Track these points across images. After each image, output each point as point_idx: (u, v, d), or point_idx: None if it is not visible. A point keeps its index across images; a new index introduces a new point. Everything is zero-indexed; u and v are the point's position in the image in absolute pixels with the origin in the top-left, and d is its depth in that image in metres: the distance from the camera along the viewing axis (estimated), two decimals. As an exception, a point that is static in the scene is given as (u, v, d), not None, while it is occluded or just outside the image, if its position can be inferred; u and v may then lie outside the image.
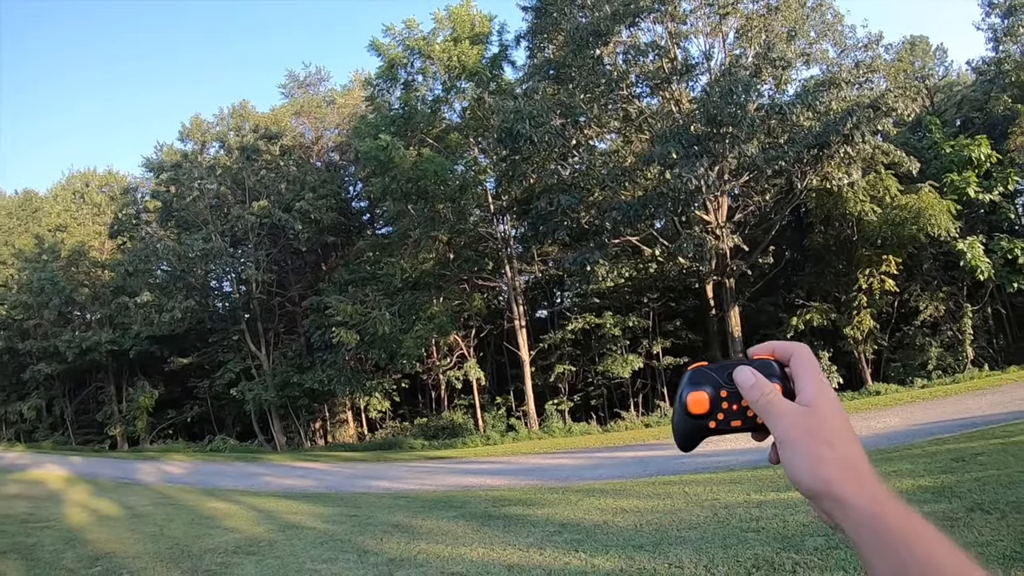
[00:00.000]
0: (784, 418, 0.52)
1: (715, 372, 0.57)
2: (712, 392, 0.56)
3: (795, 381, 0.54)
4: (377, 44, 17.83)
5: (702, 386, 0.56)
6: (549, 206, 15.95)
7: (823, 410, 0.52)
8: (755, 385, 0.54)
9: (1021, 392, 13.11)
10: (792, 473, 0.52)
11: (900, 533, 0.47)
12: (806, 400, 0.53)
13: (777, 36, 17.74)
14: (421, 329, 17.08)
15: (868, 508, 0.48)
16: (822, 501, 0.51)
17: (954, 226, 16.39)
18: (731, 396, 0.56)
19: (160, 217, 22.96)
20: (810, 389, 0.53)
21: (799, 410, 0.52)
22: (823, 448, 0.51)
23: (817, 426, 0.52)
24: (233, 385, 21.18)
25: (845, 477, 0.50)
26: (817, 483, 0.50)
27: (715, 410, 0.56)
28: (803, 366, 0.55)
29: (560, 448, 15.52)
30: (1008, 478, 5.37)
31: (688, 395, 0.56)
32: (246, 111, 22.20)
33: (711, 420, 0.56)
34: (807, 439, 0.51)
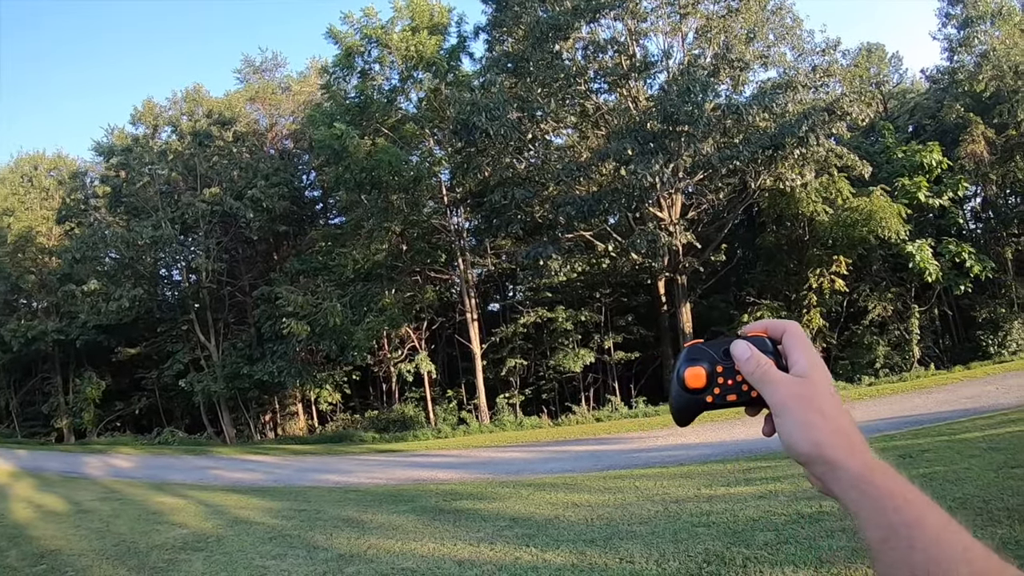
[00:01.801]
0: (780, 387, 0.54)
1: (711, 348, 0.58)
2: (708, 367, 0.57)
3: (788, 356, 0.56)
4: (334, 32, 17.48)
5: (699, 362, 0.57)
6: (503, 199, 15.85)
7: (816, 381, 0.54)
8: (751, 358, 0.56)
9: (966, 391, 13.46)
10: (787, 439, 0.53)
11: (889, 496, 0.49)
12: (800, 372, 0.54)
13: (736, 37, 17.91)
14: (372, 321, 16.82)
15: (858, 471, 0.50)
16: (815, 465, 0.52)
17: (904, 229, 16.80)
18: (726, 371, 0.57)
19: (109, 203, 22.17)
20: (803, 361, 0.55)
21: (794, 380, 0.54)
22: (816, 416, 0.52)
23: (811, 394, 0.53)
24: (182, 376, 20.60)
25: (837, 442, 0.51)
26: (810, 447, 0.52)
27: (711, 384, 0.57)
28: (795, 341, 0.57)
29: (511, 442, 15.47)
30: (954, 475, 5.46)
31: (686, 370, 0.57)
32: (200, 95, 21.55)
33: (708, 395, 0.57)
34: (801, 406, 0.53)
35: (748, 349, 0.56)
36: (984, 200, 21.70)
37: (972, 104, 19.82)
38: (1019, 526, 3.88)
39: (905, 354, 18.59)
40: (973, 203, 22.05)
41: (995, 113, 18.96)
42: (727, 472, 7.51)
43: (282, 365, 18.46)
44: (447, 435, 16.93)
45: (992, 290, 19.09)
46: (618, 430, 15.31)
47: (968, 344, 19.49)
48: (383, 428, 17.98)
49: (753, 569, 3.79)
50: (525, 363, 18.39)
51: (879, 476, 0.50)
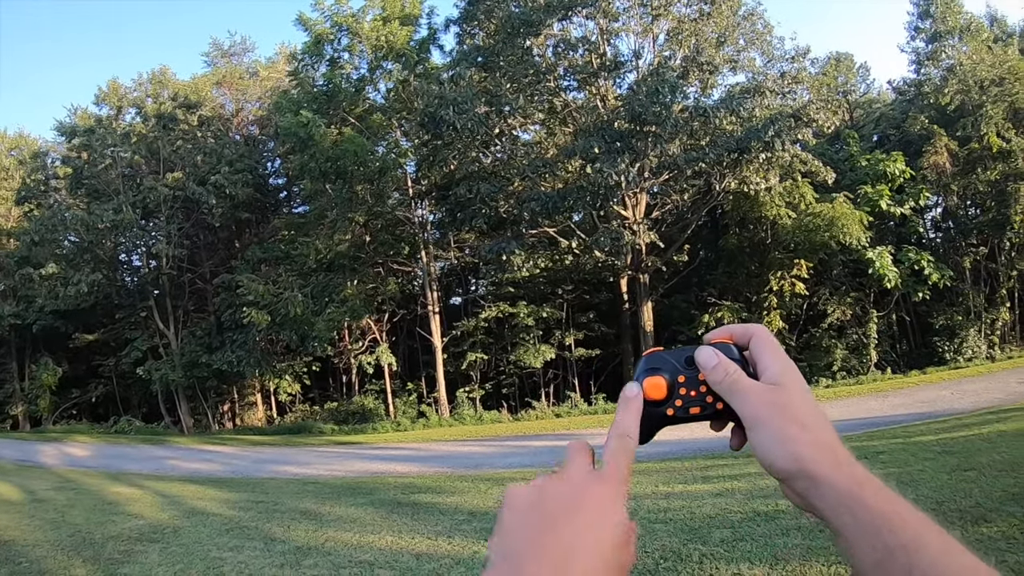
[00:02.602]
0: (751, 396, 0.48)
1: (672, 357, 0.53)
2: (669, 378, 0.52)
3: (757, 362, 0.51)
4: (304, 19, 17.24)
5: (659, 371, 0.52)
6: (468, 193, 15.80)
7: (791, 388, 0.49)
8: (718, 365, 0.50)
9: (922, 395, 13.79)
10: (763, 454, 0.48)
11: (882, 515, 0.43)
12: (772, 378, 0.49)
13: (707, 41, 18.07)
14: (334, 312, 16.66)
15: (846, 487, 0.45)
16: (796, 481, 0.47)
17: (865, 236, 17.14)
18: (689, 381, 0.52)
19: (70, 185, 21.59)
20: (775, 367, 0.49)
21: (766, 388, 0.49)
22: (794, 427, 0.47)
23: (787, 403, 0.48)
24: (140, 364, 20.19)
25: (820, 456, 0.46)
26: (790, 462, 0.46)
27: (672, 396, 0.52)
28: (764, 345, 0.51)
29: (471, 436, 15.48)
30: (908, 476, 5.55)
31: (644, 380, 0.52)
32: (166, 77, 21.09)
33: (668, 407, 0.52)
34: (777, 417, 0.47)
35: (714, 356, 0.51)
36: (945, 210, 22.22)
37: (937, 116, 20.25)
38: (971, 527, 3.97)
39: (863, 358, 18.97)
40: (934, 213, 22.59)
41: (959, 126, 19.41)
42: (685, 470, 7.58)
43: (241, 354, 18.19)
44: (407, 428, 16.87)
45: (950, 298, 19.56)
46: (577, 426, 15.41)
47: (925, 350, 19.97)
48: (342, 420, 17.83)
49: (709, 566, 3.83)
50: (486, 357, 18.38)
51: (870, 493, 0.44)
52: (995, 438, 6.86)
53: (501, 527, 0.44)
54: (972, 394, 12.64)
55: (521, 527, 0.43)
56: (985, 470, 5.35)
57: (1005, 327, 19.81)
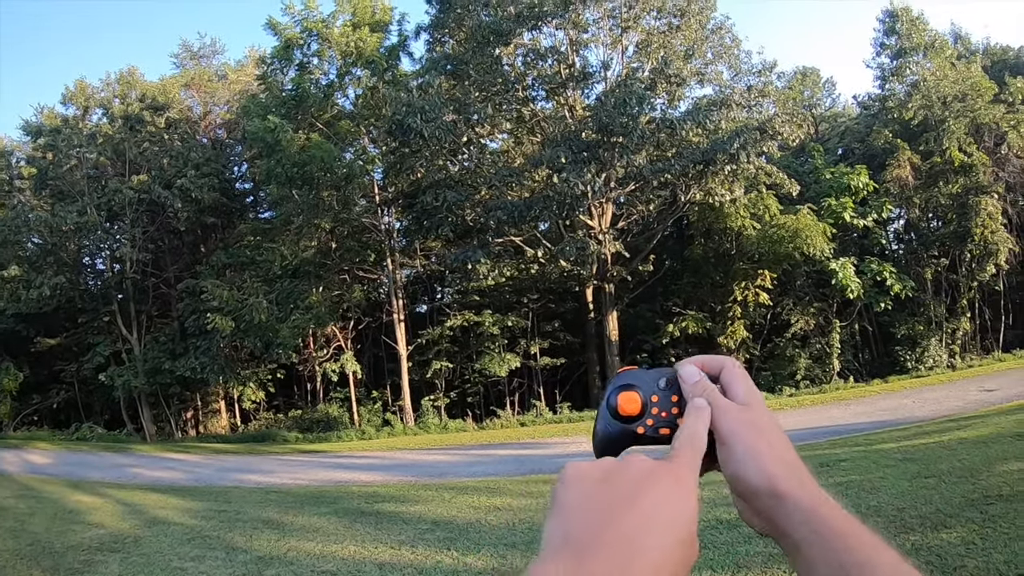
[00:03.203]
0: (728, 414, 0.50)
1: (646, 376, 0.54)
2: (643, 395, 0.52)
3: (727, 389, 0.53)
4: (274, 23, 17.18)
5: (633, 387, 0.53)
6: (435, 201, 15.83)
7: (760, 410, 0.51)
8: (700, 381, 0.52)
9: (884, 404, 14.07)
10: (735, 469, 0.49)
11: (840, 534, 0.45)
12: (741, 401, 0.52)
13: (675, 53, 18.35)
14: (299, 319, 16.54)
15: (810, 506, 0.46)
16: (761, 498, 0.48)
17: (828, 247, 17.47)
18: (661, 401, 0.53)
19: (34, 185, 21.17)
20: (743, 391, 0.52)
21: (740, 407, 0.51)
22: (764, 445, 0.49)
23: (756, 422, 0.50)
24: (102, 370, 19.79)
25: (788, 474, 0.48)
26: (760, 478, 0.48)
27: (645, 414, 0.52)
28: (733, 375, 0.54)
29: (436, 444, 15.43)
30: (870, 483, 5.63)
31: (619, 395, 0.52)
32: (134, 78, 20.80)
33: (640, 425, 0.52)
34: (750, 435, 0.49)
35: (697, 372, 0.53)
36: (907, 223, 22.76)
37: (900, 131, 20.75)
38: (931, 533, 4.04)
39: (826, 367, 19.31)
40: (896, 225, 23.12)
41: (922, 140, 19.92)
42: None
43: (205, 361, 17.95)
44: (371, 436, 16.77)
45: (911, 308, 20.00)
46: (542, 435, 15.45)
47: (887, 359, 20.39)
48: (307, 428, 17.67)
49: (672, 573, 3.89)
50: (451, 366, 18.37)
51: (828, 512, 0.46)
52: (955, 445, 6.99)
53: (560, 506, 0.42)
54: (933, 402, 12.91)
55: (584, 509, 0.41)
56: (945, 477, 5.44)
57: (966, 336, 20.32)
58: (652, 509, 0.41)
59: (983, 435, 7.46)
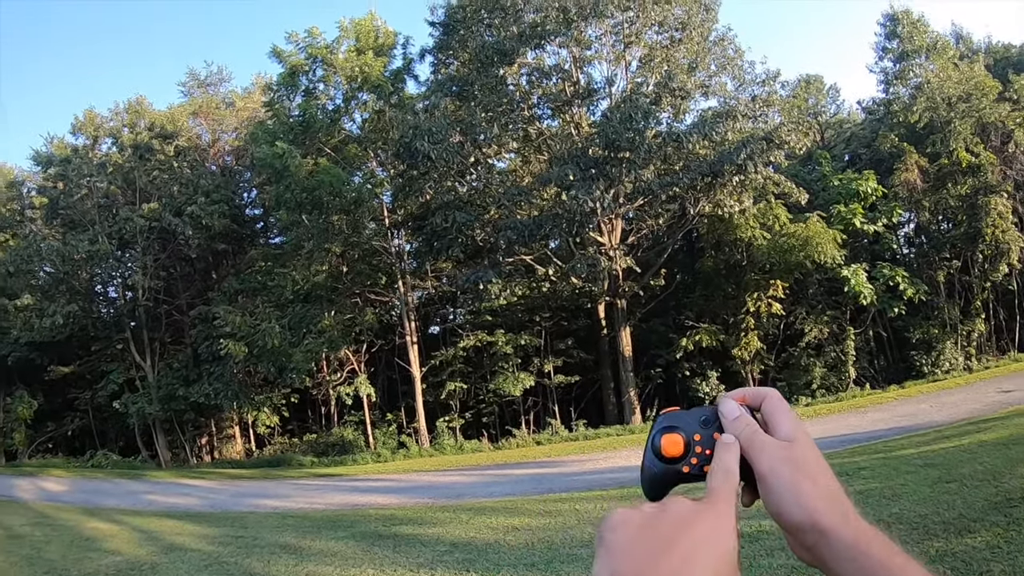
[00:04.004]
0: (768, 450, 0.51)
1: (688, 416, 0.56)
2: (685, 436, 0.54)
3: (769, 422, 0.54)
4: (278, 51, 17.32)
5: (676, 429, 0.55)
6: (444, 222, 15.86)
7: (803, 445, 0.52)
8: (740, 417, 0.54)
9: (901, 409, 13.92)
10: (777, 506, 0.50)
11: (884, 567, 0.46)
12: (785, 436, 0.52)
13: (678, 67, 18.37)
14: (312, 343, 16.57)
15: (852, 540, 0.48)
16: (806, 534, 0.49)
17: (839, 254, 17.36)
18: (704, 440, 0.54)
19: (46, 214, 21.39)
20: (787, 426, 0.53)
21: (782, 444, 0.52)
22: (807, 482, 0.50)
23: (801, 459, 0.51)
24: (116, 397, 19.89)
25: (830, 509, 0.49)
26: (803, 515, 0.49)
27: (689, 454, 0.54)
28: (776, 407, 0.54)
29: (451, 466, 15.37)
30: (891, 491, 5.57)
31: (662, 437, 0.54)
32: (142, 107, 21.04)
33: (684, 464, 0.54)
34: (792, 472, 0.50)
35: (737, 408, 0.54)
36: (917, 226, 22.60)
37: (906, 134, 20.62)
38: (955, 538, 3.99)
39: (841, 375, 19.13)
40: (907, 229, 22.95)
41: (928, 143, 19.80)
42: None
43: (219, 387, 18.00)
44: (387, 459, 16.72)
45: (925, 312, 19.82)
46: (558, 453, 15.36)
47: (903, 364, 20.18)
48: (322, 452, 17.65)
49: (693, 589, 3.86)
50: (465, 387, 18.33)
51: (875, 546, 0.47)
52: (975, 448, 6.91)
53: (608, 549, 0.44)
54: (951, 406, 12.75)
55: (631, 550, 0.43)
56: (967, 481, 5.37)
57: (981, 338, 20.09)
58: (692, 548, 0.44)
59: (1003, 437, 7.37)
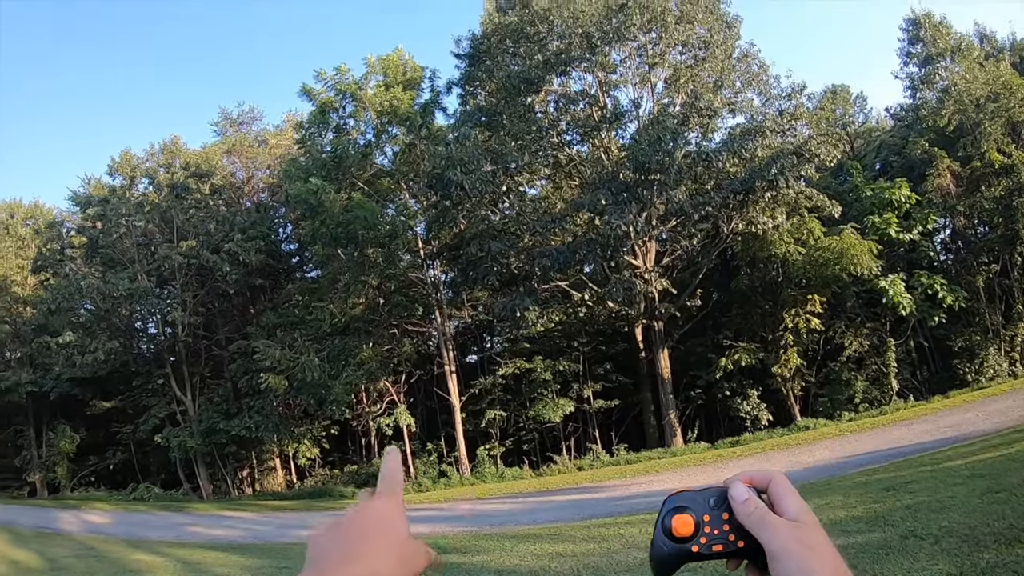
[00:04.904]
0: (779, 531, 0.53)
1: (697, 496, 0.58)
2: (695, 516, 0.56)
3: (776, 503, 0.56)
4: (308, 89, 17.68)
5: (685, 510, 0.57)
6: (479, 252, 15.94)
7: (811, 526, 0.54)
8: (749, 499, 0.56)
9: (946, 420, 13.59)
10: None
11: None
12: (792, 516, 0.54)
13: (704, 86, 18.36)
14: (351, 375, 16.70)
15: None
16: None
17: (876, 265, 17.09)
18: (713, 520, 0.56)
19: (85, 253, 21.99)
20: (794, 507, 0.55)
21: (792, 524, 0.54)
22: (816, 561, 0.52)
23: (810, 539, 0.53)
24: (158, 431, 20.23)
25: None
26: None
27: (698, 533, 0.56)
28: (782, 489, 0.57)
29: (493, 494, 15.33)
30: (939, 503, 5.48)
31: (673, 518, 0.56)
32: (177, 147, 21.62)
33: (694, 544, 0.56)
34: (802, 552, 0.52)
35: (747, 491, 0.56)
36: (953, 231, 22.18)
37: (936, 139, 20.33)
38: (1006, 549, 3.89)
39: (884, 388, 18.73)
40: (943, 235, 22.50)
41: (959, 146, 19.46)
42: None
43: (259, 420, 18.20)
44: (428, 488, 16.72)
45: (966, 319, 19.39)
46: (600, 478, 15.23)
47: (946, 373, 19.71)
48: (363, 483, 17.68)
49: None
50: (505, 414, 18.30)
51: None
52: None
53: (308, 551, 0.53)
54: (997, 414, 12.46)
55: (321, 544, 0.53)
56: (1016, 490, 5.25)
57: (1024, 342, 19.55)
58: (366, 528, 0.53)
59: (1053, 444, 7.23)
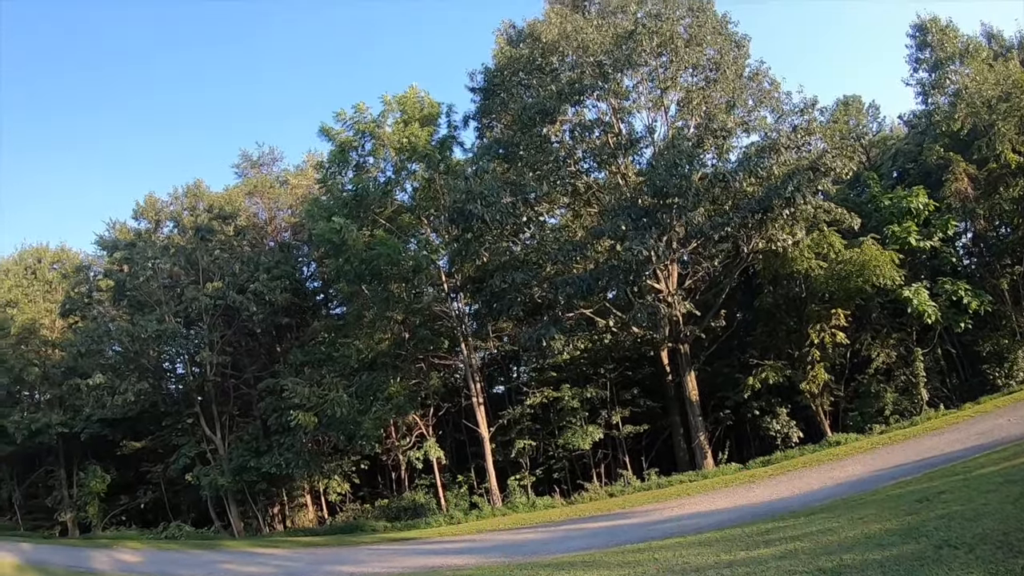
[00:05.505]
0: None
1: None
2: None
3: None
4: (327, 129, 18.04)
5: None
6: (503, 283, 16.05)
7: None
8: None
9: (978, 427, 13.41)
10: None
11: None
12: None
13: (717, 107, 18.47)
14: (379, 410, 16.81)
15: None
16: None
17: (898, 275, 16.97)
18: None
19: (113, 296, 22.42)
20: None
21: None
22: None
23: None
24: (188, 470, 20.43)
25: None
26: None
27: None
28: None
29: (525, 523, 15.25)
30: (973, 512, 5.47)
31: None
32: (200, 190, 22.11)
33: None
34: None
35: None
36: (974, 235, 21.96)
37: (951, 143, 20.24)
38: None
39: (913, 398, 18.49)
40: (964, 239, 22.28)
41: (974, 149, 19.38)
42: (746, 536, 7.41)
43: (289, 457, 18.34)
44: (459, 520, 16.67)
45: (993, 323, 19.15)
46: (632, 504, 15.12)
47: (975, 379, 19.45)
48: (394, 516, 17.71)
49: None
50: (534, 443, 18.30)
51: None
52: None
53: None
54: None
55: None
56: None
57: (1054, 343, 19.21)
58: None
59: (1087, 445, 7.15)
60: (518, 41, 18.80)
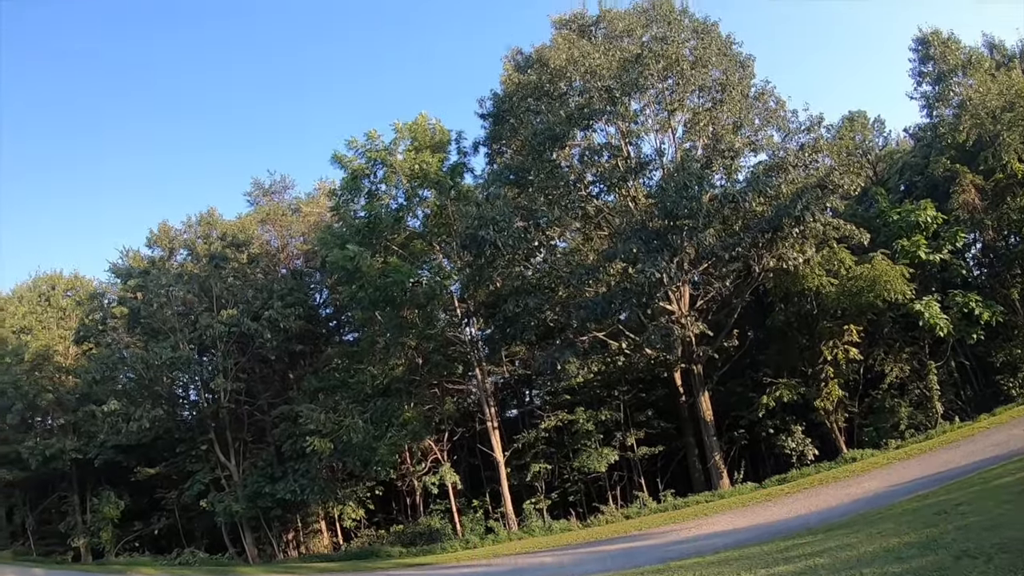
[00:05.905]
0: None
1: None
2: None
3: None
4: (339, 157, 18.25)
5: None
6: (516, 308, 16.13)
7: None
8: None
9: (994, 438, 13.40)
10: None
11: None
12: None
13: (724, 127, 18.62)
14: (394, 435, 16.85)
15: None
16: None
17: (909, 288, 17.00)
18: None
19: (127, 324, 22.60)
20: None
21: None
22: None
23: None
24: (202, 496, 20.44)
25: None
26: None
27: None
28: None
29: (541, 547, 15.21)
30: (991, 522, 5.51)
31: None
32: (213, 218, 22.35)
33: None
34: None
35: None
36: (983, 246, 21.97)
37: (957, 155, 20.31)
38: None
39: (928, 411, 18.43)
40: (973, 251, 22.29)
41: (980, 160, 19.46)
42: (765, 554, 7.40)
43: (304, 483, 18.35)
44: (475, 545, 16.62)
45: (1005, 333, 19.14)
46: (648, 525, 15.08)
47: (990, 390, 19.38)
48: (410, 542, 17.67)
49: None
50: (549, 467, 18.29)
51: None
52: None
53: None
54: None
55: None
56: None
57: (1067, 351, 19.13)
58: None
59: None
60: (526, 67, 19.05)
